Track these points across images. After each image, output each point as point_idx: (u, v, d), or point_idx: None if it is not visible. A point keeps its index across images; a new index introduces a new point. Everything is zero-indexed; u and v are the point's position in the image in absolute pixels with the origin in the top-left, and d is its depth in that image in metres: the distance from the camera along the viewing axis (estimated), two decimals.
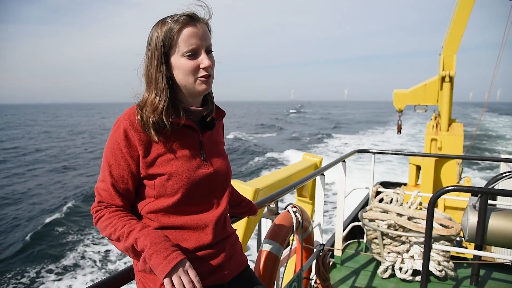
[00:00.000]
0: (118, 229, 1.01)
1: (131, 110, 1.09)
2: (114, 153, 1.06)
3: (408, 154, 4.36)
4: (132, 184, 1.08)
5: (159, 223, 1.09)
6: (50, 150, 28.82)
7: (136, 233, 0.99)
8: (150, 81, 1.08)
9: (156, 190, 1.07)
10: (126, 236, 0.99)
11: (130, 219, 1.04)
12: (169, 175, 1.06)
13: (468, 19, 6.46)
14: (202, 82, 1.09)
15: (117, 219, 1.03)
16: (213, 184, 1.16)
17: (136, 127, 1.05)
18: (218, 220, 1.16)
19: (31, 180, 17.98)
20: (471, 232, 2.57)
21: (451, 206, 6.43)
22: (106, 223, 1.04)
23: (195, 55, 1.07)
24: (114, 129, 1.07)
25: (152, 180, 1.08)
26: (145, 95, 1.08)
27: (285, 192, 2.21)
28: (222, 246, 1.17)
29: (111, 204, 1.07)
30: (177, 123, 1.09)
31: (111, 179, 1.06)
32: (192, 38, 1.06)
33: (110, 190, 1.06)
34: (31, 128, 52.48)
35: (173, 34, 1.05)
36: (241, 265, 1.27)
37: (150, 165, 1.07)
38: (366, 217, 3.37)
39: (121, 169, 1.06)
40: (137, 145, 1.06)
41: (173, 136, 1.10)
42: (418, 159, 7.08)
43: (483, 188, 2.37)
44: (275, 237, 1.90)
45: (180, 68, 1.07)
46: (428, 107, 7.53)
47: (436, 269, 3.08)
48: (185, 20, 1.05)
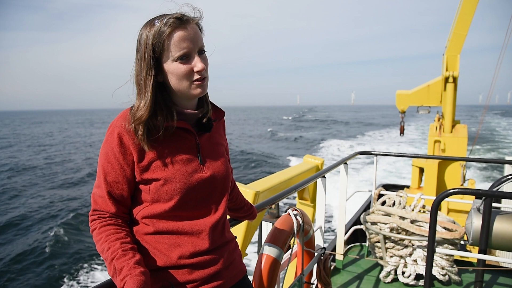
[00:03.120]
0: (104, 251, 0.99)
1: (125, 114, 1.06)
2: (108, 159, 1.04)
3: (411, 156, 4.31)
4: (127, 189, 1.06)
5: (155, 228, 1.06)
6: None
7: (116, 262, 0.96)
8: (140, 88, 1.04)
9: (151, 195, 1.05)
10: (109, 262, 0.97)
11: (116, 239, 1.00)
12: (165, 180, 1.04)
13: (472, 19, 6.41)
14: (197, 86, 1.07)
15: (105, 237, 1.01)
16: (210, 189, 1.13)
17: (129, 131, 1.03)
18: (216, 225, 1.13)
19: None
20: (475, 235, 2.53)
21: (455, 209, 6.37)
22: (97, 239, 1.02)
23: (188, 59, 1.04)
24: (108, 133, 1.05)
25: (147, 185, 1.05)
26: (136, 103, 1.05)
27: (285, 194, 2.19)
28: (220, 253, 1.14)
29: (105, 211, 1.05)
30: (171, 127, 1.06)
31: (106, 186, 1.04)
32: (183, 41, 1.02)
33: (105, 197, 1.04)
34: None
35: (163, 39, 1.01)
36: (239, 275, 1.23)
37: (145, 170, 1.04)
38: (368, 220, 3.33)
39: (116, 175, 1.04)
40: (131, 150, 1.03)
41: (169, 140, 1.07)
42: (421, 161, 7.02)
43: (488, 190, 2.33)
44: (275, 241, 1.88)
45: (173, 73, 1.04)
46: (431, 108, 7.47)
47: (440, 273, 3.04)
48: (175, 23, 1.01)
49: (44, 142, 40.21)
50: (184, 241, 1.07)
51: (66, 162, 25.25)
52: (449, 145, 6.74)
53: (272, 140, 37.84)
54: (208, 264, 1.10)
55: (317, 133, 42.49)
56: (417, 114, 7.77)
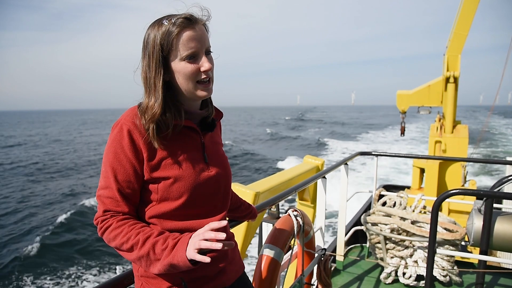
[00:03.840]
0: (131, 238, 0.98)
1: (133, 111, 1.06)
2: (118, 157, 1.02)
3: (412, 156, 4.30)
4: (138, 188, 1.05)
5: (162, 227, 1.06)
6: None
7: (153, 239, 0.97)
8: (149, 86, 1.05)
9: (159, 194, 1.05)
10: (141, 244, 0.97)
11: (142, 226, 1.02)
12: (175, 179, 1.04)
13: (473, 19, 6.39)
14: (202, 89, 1.08)
15: (128, 227, 1.00)
16: (216, 187, 1.15)
17: (140, 128, 1.03)
18: None
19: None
20: (476, 236, 2.53)
21: (456, 209, 6.35)
22: (115, 233, 1.00)
23: (195, 58, 1.06)
24: (116, 131, 1.04)
25: (155, 184, 1.05)
26: (146, 101, 1.05)
27: (286, 195, 2.19)
28: (224, 250, 1.16)
29: (117, 212, 1.03)
30: (179, 125, 1.07)
31: (116, 185, 1.02)
32: (191, 41, 1.04)
33: (116, 197, 1.02)
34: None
35: (172, 38, 1.02)
36: (240, 270, 1.27)
37: (155, 168, 1.04)
38: (369, 221, 3.32)
39: (126, 174, 1.02)
40: (141, 147, 1.03)
41: (176, 139, 1.08)
42: (422, 162, 7.00)
43: (489, 191, 2.33)
44: (275, 242, 1.88)
45: (180, 72, 1.05)
46: (432, 109, 7.46)
47: (441, 274, 3.02)
48: (183, 23, 1.03)
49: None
50: None
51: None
52: (450, 145, 6.73)
53: (271, 140, 37.82)
54: (217, 261, 1.13)
55: (316, 133, 42.46)
56: (417, 115, 7.76)
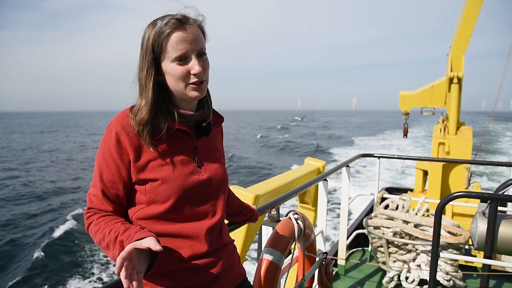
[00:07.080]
0: (106, 236, 0.97)
1: (124, 113, 1.07)
2: (105, 158, 1.04)
3: (415, 158, 4.27)
4: (123, 189, 1.06)
5: (151, 230, 1.04)
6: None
7: (120, 237, 0.94)
8: (141, 86, 1.06)
9: (147, 196, 1.05)
10: (113, 243, 0.95)
11: (117, 222, 1.00)
12: (162, 181, 1.04)
13: (477, 19, 6.33)
14: (193, 89, 1.07)
15: (104, 224, 1.00)
16: (207, 192, 1.13)
17: (127, 130, 1.04)
18: (213, 228, 1.12)
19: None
20: (480, 240, 2.49)
21: (460, 212, 6.28)
22: (95, 229, 1.01)
23: (185, 60, 1.05)
24: (106, 133, 1.06)
25: (143, 186, 1.05)
26: (138, 102, 1.06)
27: (286, 198, 2.17)
28: (218, 256, 1.14)
29: (100, 209, 1.05)
30: (172, 128, 1.06)
31: (101, 185, 1.04)
32: (181, 43, 1.03)
33: (100, 196, 1.04)
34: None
35: (162, 39, 1.02)
36: (239, 278, 1.23)
37: (141, 169, 1.04)
38: (371, 224, 3.29)
39: (111, 174, 1.04)
40: (128, 149, 1.03)
41: (166, 141, 1.08)
42: (425, 164, 6.94)
43: (493, 194, 2.30)
44: (276, 245, 1.85)
45: (170, 74, 1.05)
46: (435, 110, 7.40)
47: (444, 278, 2.99)
48: (174, 24, 1.02)
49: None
50: (182, 244, 1.07)
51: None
52: (454, 147, 6.66)
53: (270, 144, 37.67)
54: (208, 267, 1.10)
55: (316, 136, 42.41)
56: (421, 117, 7.70)
